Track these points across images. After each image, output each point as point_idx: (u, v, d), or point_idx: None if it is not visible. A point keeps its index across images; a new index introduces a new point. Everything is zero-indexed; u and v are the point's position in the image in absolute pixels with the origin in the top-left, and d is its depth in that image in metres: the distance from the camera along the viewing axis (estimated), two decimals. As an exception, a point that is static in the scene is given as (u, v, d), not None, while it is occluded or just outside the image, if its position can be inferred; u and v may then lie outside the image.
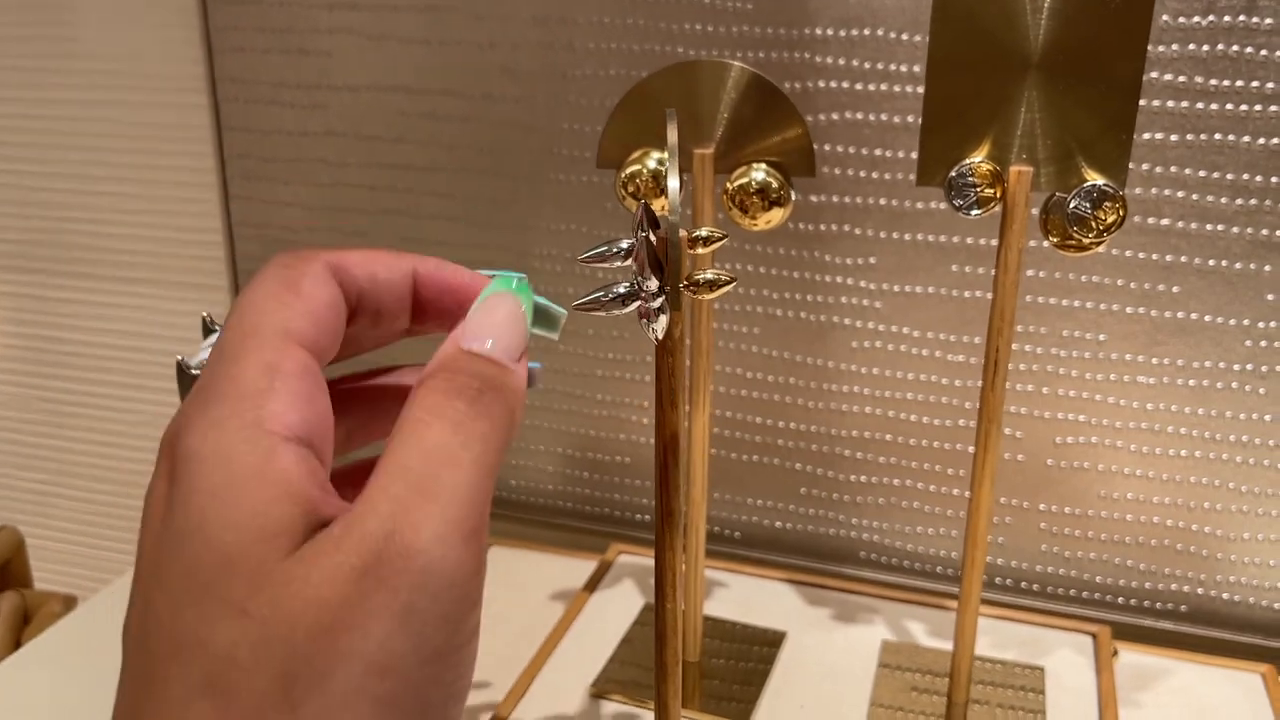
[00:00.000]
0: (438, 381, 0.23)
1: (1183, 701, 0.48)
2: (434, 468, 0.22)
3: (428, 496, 0.21)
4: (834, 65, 0.54)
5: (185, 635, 0.20)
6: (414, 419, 0.23)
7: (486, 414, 0.23)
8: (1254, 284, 0.52)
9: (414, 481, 0.21)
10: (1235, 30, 0.49)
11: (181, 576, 0.20)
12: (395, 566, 0.20)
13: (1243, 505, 0.55)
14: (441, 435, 0.22)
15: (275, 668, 0.20)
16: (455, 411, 0.23)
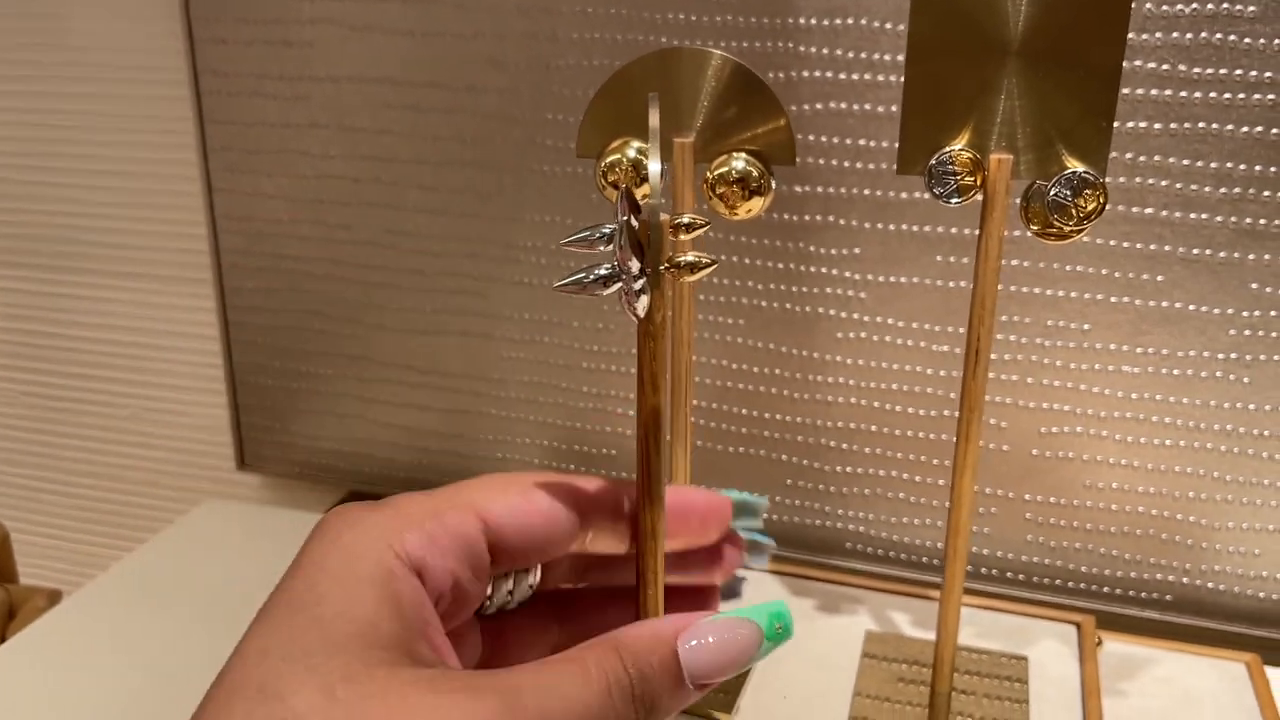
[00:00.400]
0: (607, 655, 0.24)
1: (1167, 691, 0.48)
2: None
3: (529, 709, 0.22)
4: (817, 55, 0.54)
5: (270, 684, 0.22)
6: (568, 658, 0.24)
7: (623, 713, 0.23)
8: (1238, 273, 0.52)
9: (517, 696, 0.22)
10: (1218, 18, 0.48)
11: (287, 636, 0.22)
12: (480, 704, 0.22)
13: (1227, 494, 0.55)
14: (567, 681, 0.23)
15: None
16: (598, 679, 0.23)
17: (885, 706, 0.46)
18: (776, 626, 0.25)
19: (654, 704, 0.24)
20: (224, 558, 0.62)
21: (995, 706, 0.46)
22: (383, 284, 0.66)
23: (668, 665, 0.24)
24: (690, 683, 0.24)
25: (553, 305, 0.63)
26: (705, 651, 0.24)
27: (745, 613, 0.25)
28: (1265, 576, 0.56)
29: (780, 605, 0.26)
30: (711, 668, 0.24)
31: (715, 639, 0.24)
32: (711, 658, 0.24)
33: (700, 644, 0.24)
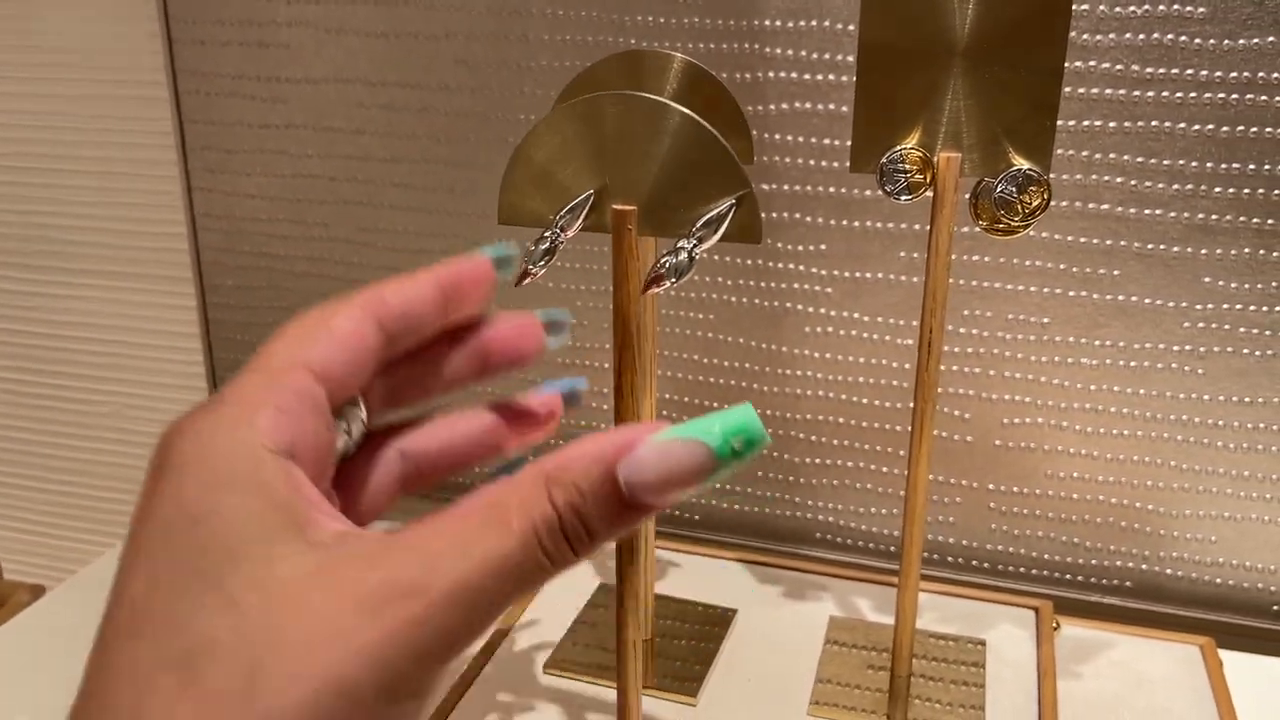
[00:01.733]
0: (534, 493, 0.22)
1: (1121, 673, 0.50)
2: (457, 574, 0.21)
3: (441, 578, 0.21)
4: (782, 56, 0.55)
5: (167, 614, 0.21)
6: (489, 504, 0.22)
7: (553, 550, 0.22)
8: (1191, 267, 0.53)
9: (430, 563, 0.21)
10: (1169, 19, 0.50)
11: (170, 562, 0.21)
12: (387, 609, 0.21)
13: (1184, 483, 0.56)
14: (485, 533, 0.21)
15: (248, 661, 0.20)
16: (520, 526, 0.22)
17: (846, 690, 0.47)
18: (734, 444, 0.22)
19: (591, 534, 0.22)
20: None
21: (954, 689, 0.47)
22: (361, 280, 0.66)
23: (605, 491, 0.22)
24: (628, 497, 0.22)
25: (527, 301, 0.64)
26: (647, 470, 0.22)
27: (696, 431, 0.22)
28: (1221, 563, 0.57)
29: (742, 417, 0.22)
30: (656, 489, 0.22)
31: (661, 458, 0.22)
32: (655, 478, 0.22)
33: (643, 458, 0.22)
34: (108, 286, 0.75)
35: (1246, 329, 0.53)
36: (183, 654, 0.21)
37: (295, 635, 0.21)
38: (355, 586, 0.21)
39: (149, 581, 0.22)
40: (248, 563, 0.21)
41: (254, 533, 0.21)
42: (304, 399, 0.23)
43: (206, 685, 0.20)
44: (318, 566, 0.21)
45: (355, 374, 0.25)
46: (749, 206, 0.31)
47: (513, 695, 0.47)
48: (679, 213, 0.31)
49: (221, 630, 0.21)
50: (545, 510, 0.22)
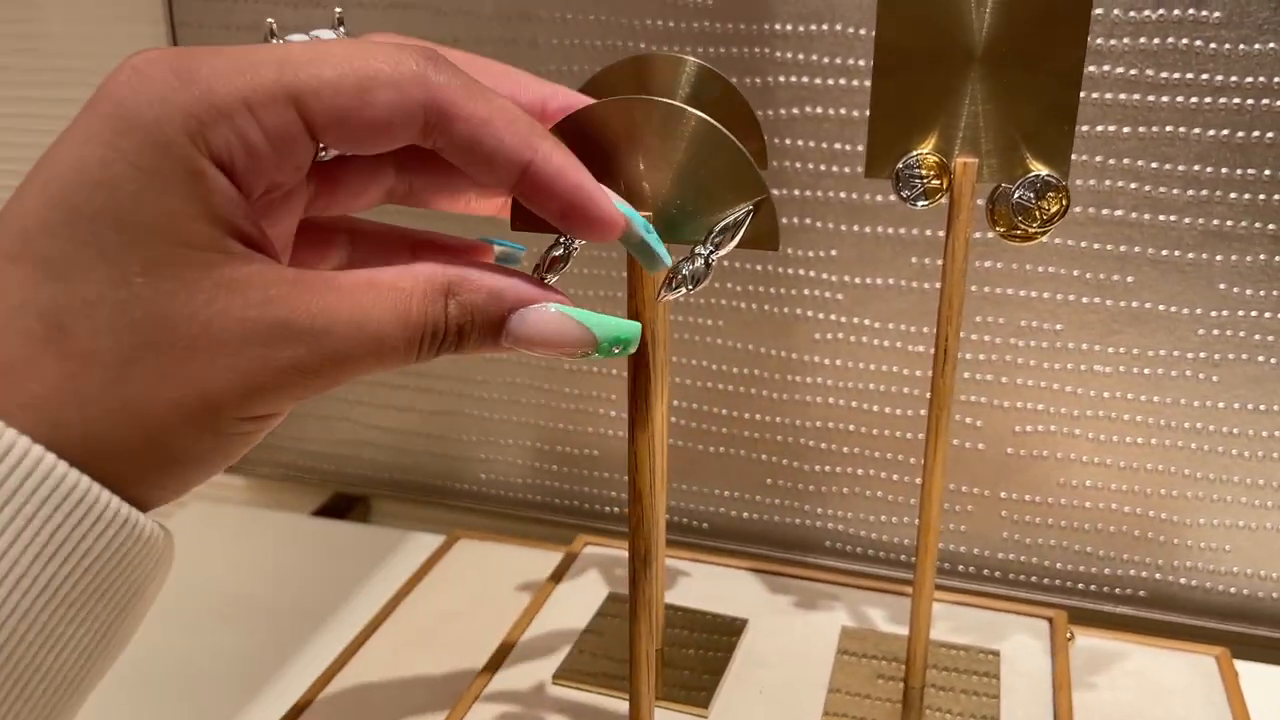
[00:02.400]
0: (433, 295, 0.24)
1: (1137, 684, 0.49)
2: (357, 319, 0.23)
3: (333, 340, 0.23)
4: (793, 60, 0.55)
5: (55, 259, 0.21)
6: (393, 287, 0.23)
7: (424, 353, 0.24)
8: (1206, 274, 0.52)
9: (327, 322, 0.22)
10: (1184, 23, 0.49)
11: (73, 210, 0.21)
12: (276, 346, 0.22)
13: (1198, 491, 0.56)
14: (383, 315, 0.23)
15: (127, 342, 0.21)
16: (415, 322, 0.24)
17: (859, 700, 0.47)
18: (614, 347, 0.26)
19: (458, 349, 0.25)
20: (210, 559, 0.62)
21: (967, 700, 0.47)
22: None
23: (491, 328, 0.25)
24: (505, 342, 0.25)
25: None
26: (533, 328, 0.25)
27: (591, 321, 0.26)
28: (1235, 572, 0.57)
29: (632, 331, 0.27)
30: (531, 343, 0.25)
31: (548, 325, 0.25)
32: (535, 336, 0.25)
33: (534, 318, 0.25)
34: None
35: (1262, 336, 0.53)
36: (59, 305, 0.21)
37: (182, 336, 0.21)
38: (254, 312, 0.22)
39: (50, 215, 0.21)
40: (149, 249, 0.21)
41: (162, 226, 0.21)
42: (273, 140, 0.23)
43: (74, 344, 0.21)
44: (221, 279, 0.21)
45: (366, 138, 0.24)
46: (767, 213, 0.30)
47: (522, 707, 0.47)
48: (695, 219, 0.31)
49: (105, 301, 0.21)
50: (438, 319, 0.24)
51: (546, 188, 0.25)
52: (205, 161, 0.21)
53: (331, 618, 0.57)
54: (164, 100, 0.21)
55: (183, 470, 0.22)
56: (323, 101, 0.22)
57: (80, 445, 0.21)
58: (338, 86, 0.22)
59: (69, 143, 0.22)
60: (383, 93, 0.23)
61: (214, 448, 0.23)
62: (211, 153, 0.22)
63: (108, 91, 0.22)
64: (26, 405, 0.20)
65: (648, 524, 0.34)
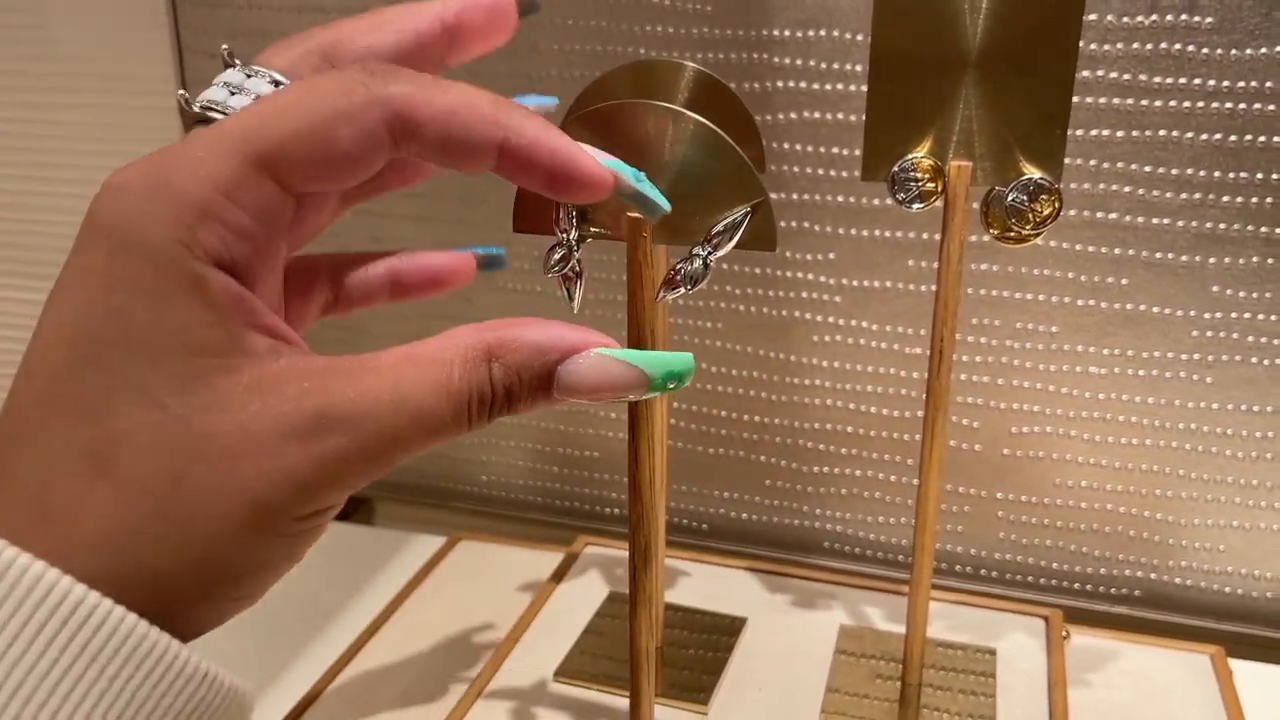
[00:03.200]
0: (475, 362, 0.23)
1: (1132, 682, 0.50)
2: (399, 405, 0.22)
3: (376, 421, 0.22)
4: (791, 66, 0.55)
5: (86, 397, 0.21)
6: (433, 360, 0.23)
7: (475, 421, 0.23)
8: (1199, 276, 0.53)
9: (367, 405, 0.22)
10: (1177, 29, 0.50)
11: (94, 343, 0.21)
12: (318, 439, 0.21)
13: (1193, 492, 0.56)
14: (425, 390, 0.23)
15: (170, 464, 0.21)
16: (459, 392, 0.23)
17: (856, 699, 0.47)
18: (669, 384, 0.25)
19: (512, 411, 0.24)
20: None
21: (964, 698, 0.47)
22: (369, 291, 0.67)
23: (540, 384, 0.24)
24: (556, 395, 0.24)
25: (536, 310, 0.64)
26: (582, 379, 0.24)
27: (643, 361, 0.25)
28: (1230, 572, 0.57)
29: (685, 364, 0.25)
30: (582, 393, 0.24)
31: (597, 373, 0.24)
32: (586, 386, 0.24)
33: (583, 367, 0.24)
34: (117, 296, 0.75)
35: (1255, 337, 0.53)
36: (99, 441, 0.21)
37: (222, 446, 0.21)
38: (289, 407, 0.21)
39: (71, 356, 0.21)
40: (172, 368, 0.21)
41: (180, 343, 0.21)
42: (258, 217, 0.22)
43: (121, 476, 0.21)
44: (251, 381, 0.21)
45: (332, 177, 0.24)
46: (764, 214, 0.31)
47: (523, 703, 0.47)
48: (694, 220, 0.32)
49: (143, 428, 0.21)
50: (483, 385, 0.23)
51: (525, 160, 0.24)
52: (204, 266, 0.21)
53: (335, 618, 0.57)
54: (146, 215, 0.21)
55: (243, 583, 0.22)
56: (291, 160, 0.22)
57: (143, 574, 0.21)
58: (299, 139, 0.22)
59: (71, 280, 0.22)
60: (343, 128, 0.23)
61: (273, 553, 0.22)
62: (208, 254, 0.22)
63: (93, 220, 0.22)
64: (87, 545, 0.20)
65: (648, 521, 0.35)
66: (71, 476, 0.21)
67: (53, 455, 0.21)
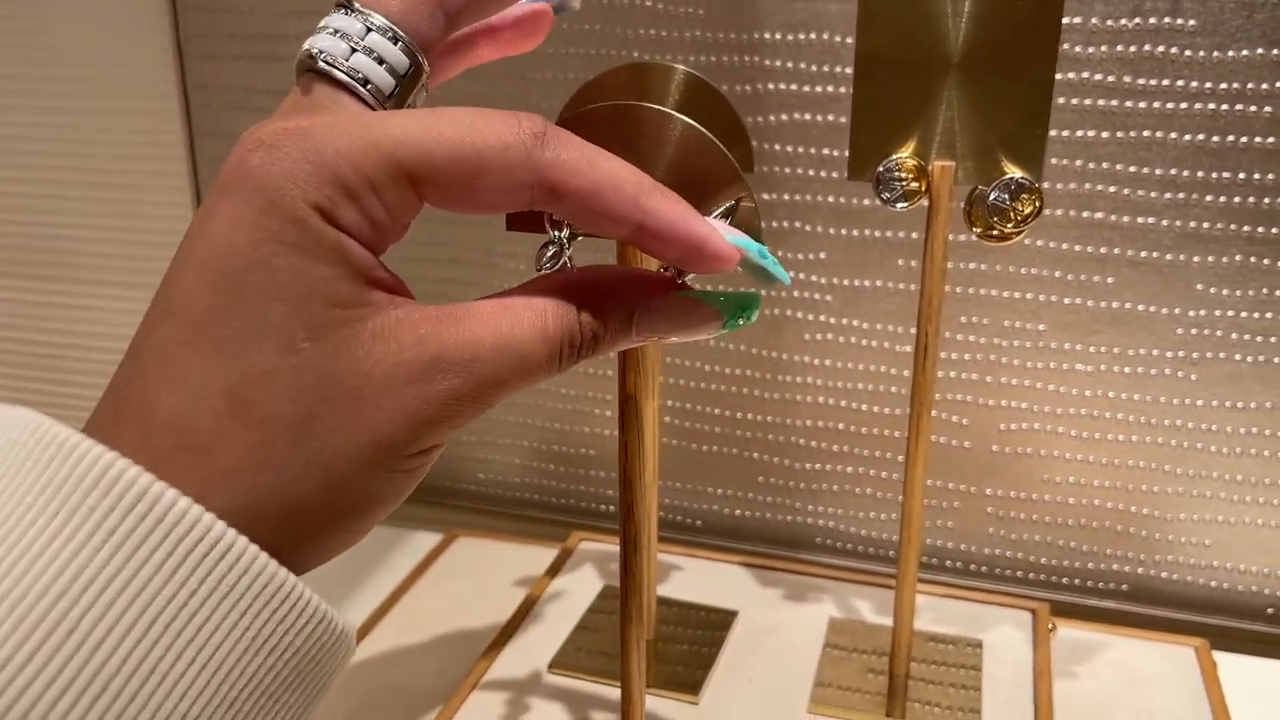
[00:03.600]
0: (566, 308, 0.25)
1: (1117, 674, 0.50)
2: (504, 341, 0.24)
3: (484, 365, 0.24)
4: (782, 68, 0.56)
5: (227, 337, 0.22)
6: (531, 308, 0.25)
7: (565, 362, 0.25)
8: (1184, 274, 0.54)
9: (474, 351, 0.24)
10: (1160, 31, 0.51)
11: (231, 289, 0.23)
12: (434, 381, 0.24)
13: (1179, 487, 0.57)
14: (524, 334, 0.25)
15: (304, 404, 0.22)
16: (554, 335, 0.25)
17: (845, 690, 0.48)
18: (739, 318, 0.27)
19: (597, 352, 0.26)
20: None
21: (950, 688, 0.48)
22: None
23: (622, 328, 0.26)
24: (635, 338, 0.27)
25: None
26: (658, 321, 0.26)
27: (712, 299, 0.27)
28: (1216, 566, 0.58)
29: (753, 300, 0.27)
30: (661, 333, 0.27)
31: (671, 315, 0.26)
32: (663, 327, 0.26)
33: (657, 311, 0.26)
34: (119, 297, 0.76)
35: (1238, 335, 0.54)
36: (239, 379, 0.22)
37: (349, 387, 0.23)
38: (407, 352, 0.23)
39: (213, 298, 0.23)
40: (305, 314, 0.23)
41: (312, 291, 0.23)
42: (395, 214, 0.24)
43: (258, 414, 0.22)
44: (374, 329, 0.23)
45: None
46: (748, 212, 0.32)
47: (519, 694, 0.48)
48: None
49: (281, 368, 0.22)
50: (574, 332, 0.25)
51: (661, 241, 0.26)
52: (341, 235, 0.23)
53: (333, 612, 0.58)
54: (298, 181, 0.23)
55: (361, 516, 0.24)
56: (436, 184, 0.24)
57: (275, 508, 0.22)
58: (451, 173, 0.24)
59: (216, 226, 0.23)
60: (492, 177, 0.24)
61: (389, 487, 0.24)
62: (344, 227, 0.23)
63: (243, 170, 0.23)
64: (224, 479, 0.22)
65: (638, 511, 0.36)
66: (211, 413, 0.22)
67: (194, 391, 0.22)
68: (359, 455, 0.23)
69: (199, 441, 0.22)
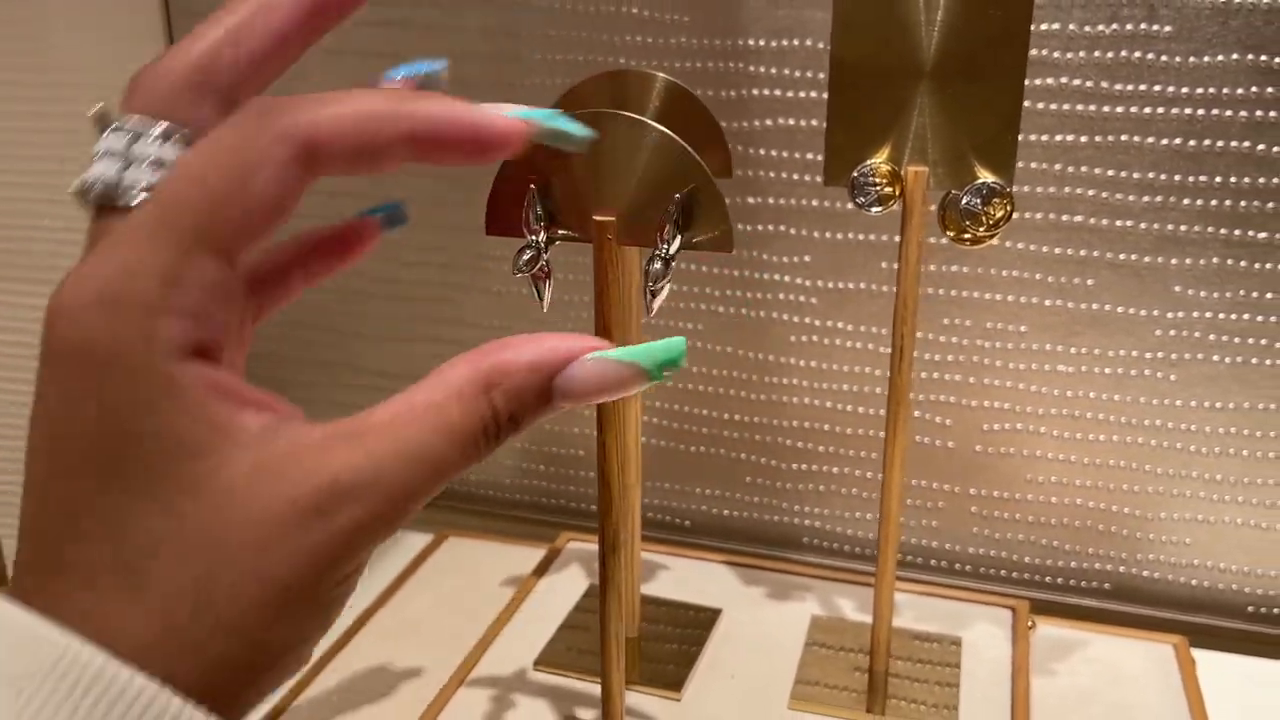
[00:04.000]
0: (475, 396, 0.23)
1: (1095, 670, 0.51)
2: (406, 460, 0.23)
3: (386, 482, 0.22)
4: (766, 74, 0.57)
5: (105, 519, 0.21)
6: (430, 405, 0.23)
7: (485, 450, 0.24)
8: (1162, 276, 0.55)
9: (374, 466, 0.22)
10: (1137, 37, 0.52)
11: (95, 472, 0.21)
12: (333, 511, 0.22)
13: (1159, 487, 0.58)
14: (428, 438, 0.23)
15: (195, 566, 0.21)
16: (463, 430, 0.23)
17: (826, 687, 0.49)
18: (664, 370, 0.25)
19: (518, 430, 0.24)
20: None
21: (929, 684, 0.49)
22: (359, 293, 0.69)
23: (540, 400, 0.24)
24: (558, 405, 0.24)
25: (521, 312, 0.66)
26: (581, 384, 0.24)
27: (636, 355, 0.25)
28: (1196, 564, 0.59)
29: (677, 348, 0.25)
30: (583, 399, 0.24)
31: (595, 376, 0.24)
32: (587, 391, 0.24)
33: (578, 374, 0.24)
34: (114, 300, 0.77)
35: (1216, 336, 0.55)
36: (127, 556, 0.21)
37: (241, 539, 0.21)
38: (298, 488, 0.22)
39: (77, 481, 0.22)
40: (176, 473, 0.21)
41: (177, 447, 0.21)
42: (213, 295, 0.22)
43: (155, 587, 0.21)
44: (253, 467, 0.22)
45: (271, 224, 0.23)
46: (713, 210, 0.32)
47: (504, 690, 0.49)
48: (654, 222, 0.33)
49: (164, 538, 0.21)
50: (485, 416, 0.23)
51: (437, 142, 0.24)
52: (174, 364, 0.22)
53: (324, 611, 0.59)
54: (105, 331, 0.21)
55: (291, 655, 0.23)
56: (219, 227, 0.22)
57: (195, 674, 0.21)
58: (221, 204, 0.22)
59: (54, 407, 0.22)
60: (258, 176, 0.22)
61: (311, 623, 0.23)
62: (174, 348, 0.22)
63: (59, 347, 0.22)
64: (137, 654, 0.21)
65: (616, 511, 0.36)
66: (112, 591, 0.21)
67: (88, 577, 0.22)
68: (268, 607, 0.22)
69: (106, 622, 0.21)
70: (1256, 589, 0.58)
